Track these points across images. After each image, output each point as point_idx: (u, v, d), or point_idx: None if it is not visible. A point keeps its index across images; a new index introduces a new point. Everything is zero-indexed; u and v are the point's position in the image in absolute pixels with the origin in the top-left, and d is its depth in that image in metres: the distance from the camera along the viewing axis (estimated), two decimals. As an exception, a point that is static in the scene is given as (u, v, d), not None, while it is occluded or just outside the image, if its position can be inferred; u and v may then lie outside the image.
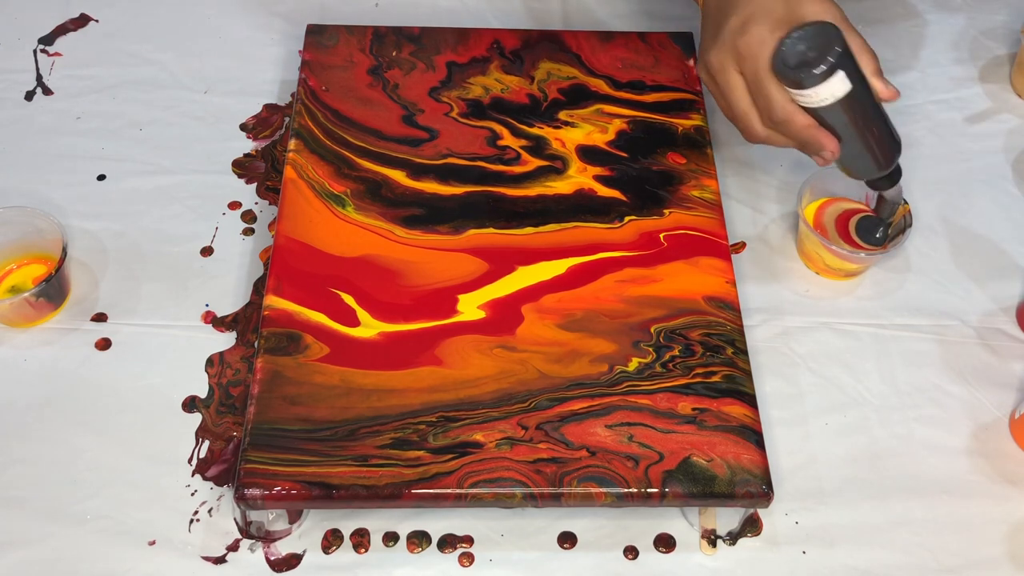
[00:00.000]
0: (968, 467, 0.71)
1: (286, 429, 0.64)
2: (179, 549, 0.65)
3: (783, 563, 0.66)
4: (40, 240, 0.75)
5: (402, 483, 0.62)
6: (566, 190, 0.77)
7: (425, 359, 0.67)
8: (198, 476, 0.68)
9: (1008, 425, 0.73)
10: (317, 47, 0.85)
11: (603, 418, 0.65)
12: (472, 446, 0.64)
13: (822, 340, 0.77)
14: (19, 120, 0.87)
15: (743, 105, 0.69)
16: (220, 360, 0.73)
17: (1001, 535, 0.68)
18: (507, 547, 0.67)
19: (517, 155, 0.79)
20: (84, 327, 0.75)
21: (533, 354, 0.68)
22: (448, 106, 0.82)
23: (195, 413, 0.71)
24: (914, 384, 0.75)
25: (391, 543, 0.66)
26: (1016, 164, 0.88)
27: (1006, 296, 0.80)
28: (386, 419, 0.65)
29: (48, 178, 0.83)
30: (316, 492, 0.62)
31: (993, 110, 0.92)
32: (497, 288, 0.71)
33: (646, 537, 0.67)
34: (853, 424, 0.73)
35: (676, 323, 0.70)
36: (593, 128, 0.81)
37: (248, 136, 0.87)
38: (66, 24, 0.95)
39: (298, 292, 0.70)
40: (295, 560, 0.66)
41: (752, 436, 0.65)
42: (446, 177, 0.77)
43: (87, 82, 0.90)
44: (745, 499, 0.63)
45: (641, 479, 0.63)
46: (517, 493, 0.62)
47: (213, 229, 0.80)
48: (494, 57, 0.85)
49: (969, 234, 0.84)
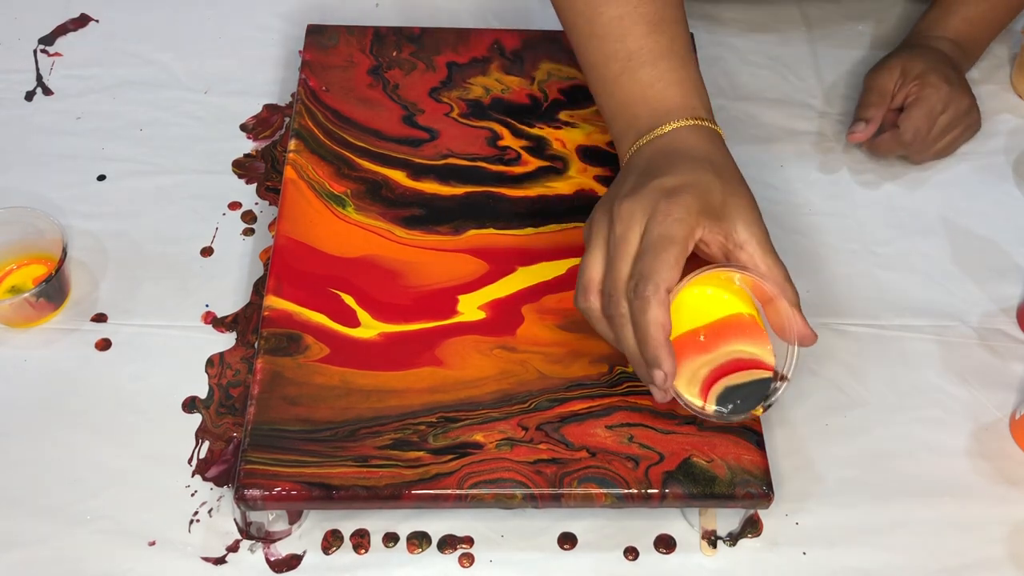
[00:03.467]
0: (968, 468, 0.71)
1: (286, 430, 0.64)
2: (179, 549, 0.65)
3: (783, 564, 0.66)
4: (40, 240, 0.75)
5: (402, 484, 0.62)
6: (566, 190, 0.77)
7: (425, 360, 0.67)
8: (198, 477, 0.68)
9: (1008, 426, 0.73)
10: (317, 47, 0.85)
11: (603, 419, 0.65)
12: (472, 447, 0.64)
13: (822, 340, 0.76)
14: (19, 120, 0.87)
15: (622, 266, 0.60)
16: (220, 361, 0.73)
17: (1001, 536, 0.68)
18: (507, 548, 0.66)
19: (517, 155, 0.79)
20: (84, 327, 0.75)
21: (533, 355, 0.68)
22: (448, 106, 0.82)
23: (195, 414, 0.71)
24: (914, 385, 0.75)
25: (391, 544, 0.66)
26: (1016, 164, 0.88)
27: (1006, 296, 0.80)
28: (386, 420, 0.65)
29: (48, 178, 0.83)
30: (316, 493, 0.62)
31: (993, 110, 0.92)
32: (497, 288, 0.71)
33: (646, 538, 0.67)
34: (853, 425, 0.73)
35: (676, 323, 0.70)
36: (594, 128, 0.81)
37: (248, 136, 0.87)
38: (66, 24, 0.95)
39: (298, 292, 0.70)
40: (295, 561, 0.65)
41: (752, 437, 0.65)
42: (446, 177, 0.77)
43: (87, 82, 0.90)
44: (745, 500, 0.63)
45: (641, 480, 0.63)
46: (517, 494, 0.62)
47: (213, 229, 0.80)
48: (494, 57, 0.85)
49: (969, 234, 0.84)
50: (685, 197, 0.60)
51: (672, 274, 0.59)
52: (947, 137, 0.85)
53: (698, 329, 0.63)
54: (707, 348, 0.63)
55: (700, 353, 0.63)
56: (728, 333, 0.63)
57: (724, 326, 0.63)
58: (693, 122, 0.66)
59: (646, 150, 0.66)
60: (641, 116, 0.68)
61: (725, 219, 0.61)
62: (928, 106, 0.83)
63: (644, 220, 0.61)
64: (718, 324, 0.63)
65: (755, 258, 0.61)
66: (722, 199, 0.62)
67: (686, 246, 0.60)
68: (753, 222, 0.62)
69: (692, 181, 0.62)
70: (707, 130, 0.66)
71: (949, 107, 0.83)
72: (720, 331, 0.63)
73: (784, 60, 0.95)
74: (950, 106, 0.83)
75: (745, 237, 0.61)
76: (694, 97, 0.68)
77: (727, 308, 0.64)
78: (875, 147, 0.86)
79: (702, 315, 0.63)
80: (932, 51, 0.87)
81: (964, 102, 0.84)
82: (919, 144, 0.84)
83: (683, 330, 0.63)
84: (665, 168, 0.63)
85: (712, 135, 0.67)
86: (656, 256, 0.59)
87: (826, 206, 0.85)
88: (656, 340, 0.58)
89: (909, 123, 0.83)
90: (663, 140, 0.66)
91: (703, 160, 0.64)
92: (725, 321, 0.64)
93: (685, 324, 0.63)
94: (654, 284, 0.58)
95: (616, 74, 0.69)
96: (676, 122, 0.66)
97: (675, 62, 0.68)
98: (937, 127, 0.83)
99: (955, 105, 0.84)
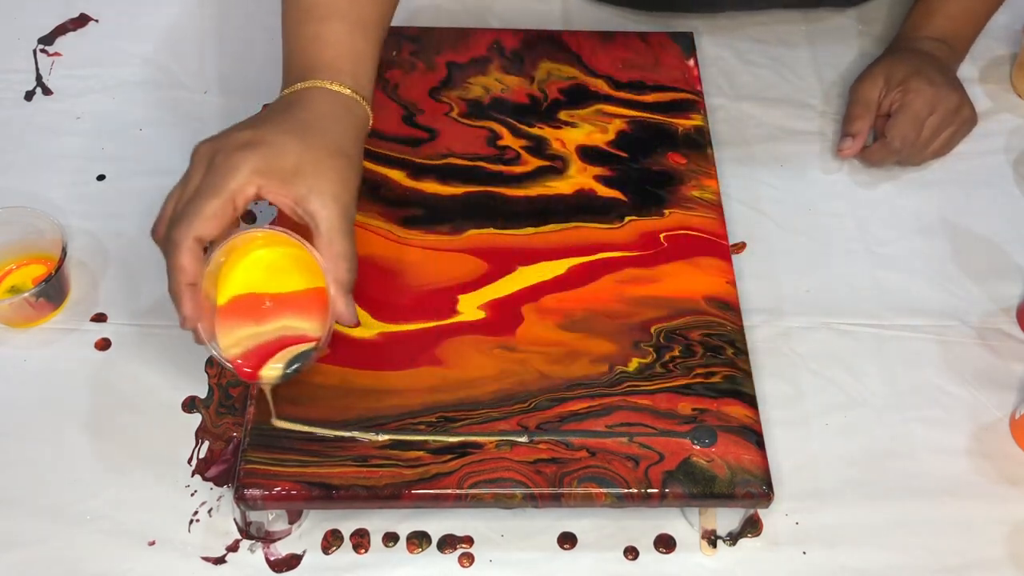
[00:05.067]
0: (968, 467, 0.71)
1: (286, 430, 0.64)
2: (179, 549, 0.65)
3: (783, 564, 0.66)
4: (40, 240, 0.75)
5: (402, 483, 0.62)
6: (566, 190, 0.77)
7: (425, 359, 0.67)
8: (198, 476, 0.68)
9: (1008, 425, 0.73)
10: (317, 47, 0.85)
11: (603, 418, 0.65)
12: (472, 447, 0.64)
13: (822, 340, 0.77)
14: (19, 120, 0.87)
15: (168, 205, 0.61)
16: (220, 360, 0.73)
17: (1002, 535, 0.68)
18: (507, 547, 0.66)
19: (517, 155, 0.79)
20: (84, 327, 0.75)
21: (533, 354, 0.68)
22: (448, 106, 0.82)
23: (195, 413, 0.71)
24: (914, 384, 0.75)
25: (391, 543, 0.66)
26: (1016, 164, 0.88)
27: (1006, 296, 0.80)
28: (386, 419, 0.65)
29: (48, 178, 0.83)
30: (316, 492, 0.62)
31: (993, 110, 0.92)
32: (497, 288, 0.71)
33: (646, 538, 0.67)
34: (853, 424, 0.73)
35: (676, 323, 0.70)
36: (593, 128, 0.81)
37: (248, 136, 0.87)
38: (66, 24, 0.95)
39: (298, 292, 0.70)
40: (295, 560, 0.65)
41: (752, 436, 0.65)
42: (446, 177, 0.77)
43: (87, 82, 0.90)
44: (745, 499, 0.63)
45: (641, 479, 0.63)
46: (517, 493, 0.62)
47: (213, 229, 0.80)
48: (494, 57, 0.85)
49: (969, 234, 0.84)
50: (248, 153, 0.59)
51: (206, 224, 0.58)
52: (941, 137, 0.85)
53: (264, 295, 0.63)
54: (264, 317, 0.63)
55: (256, 321, 0.63)
56: (291, 307, 0.63)
57: (290, 299, 0.63)
58: (336, 88, 0.65)
59: (280, 100, 0.66)
60: (294, 68, 0.67)
61: (295, 185, 0.60)
62: (912, 112, 0.83)
63: (206, 165, 0.60)
64: (287, 296, 0.63)
65: (320, 228, 0.60)
66: (297, 165, 0.60)
67: (231, 200, 0.59)
68: (329, 194, 0.61)
69: (268, 140, 0.61)
70: (342, 99, 0.65)
71: (937, 108, 0.83)
72: (285, 303, 0.63)
73: (784, 60, 0.95)
74: (938, 107, 0.83)
75: (315, 207, 0.60)
76: (347, 63, 0.67)
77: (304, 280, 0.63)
78: (867, 157, 0.86)
79: (278, 281, 0.63)
80: (916, 53, 0.87)
81: (952, 100, 0.84)
82: (909, 150, 0.84)
83: (256, 290, 0.63)
84: (260, 121, 0.63)
85: (345, 105, 0.65)
86: (195, 203, 0.59)
87: (826, 206, 0.85)
88: (176, 284, 0.59)
89: (896, 131, 0.83)
90: (297, 95, 0.65)
91: (301, 123, 0.63)
92: (295, 295, 0.63)
93: (260, 284, 0.63)
94: (184, 230, 0.58)
95: (295, 22, 0.68)
96: (316, 81, 0.65)
97: (346, 27, 0.67)
98: (927, 129, 0.83)
99: (943, 105, 0.83)
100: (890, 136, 0.83)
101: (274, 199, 0.61)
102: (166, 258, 0.59)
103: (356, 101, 0.66)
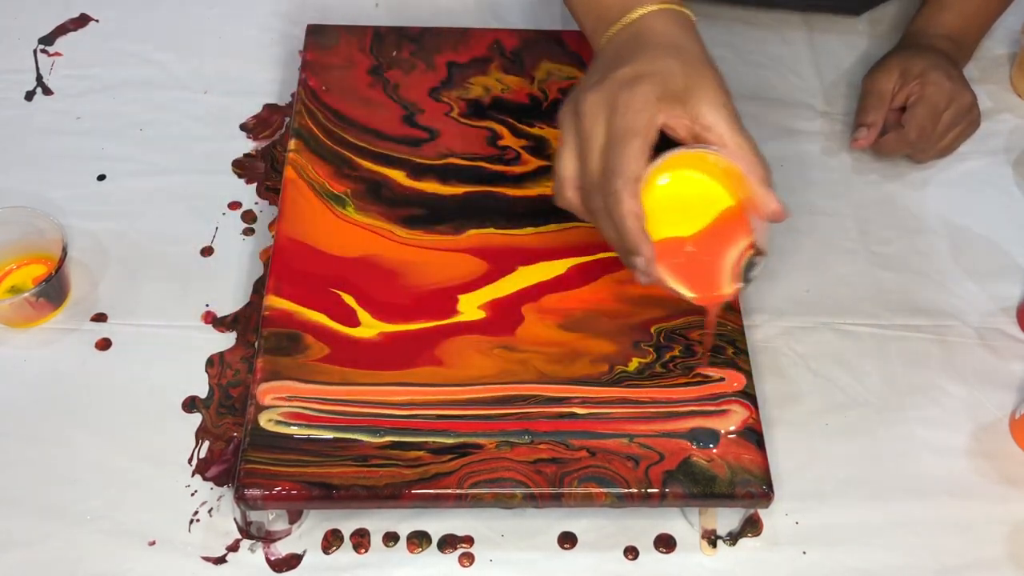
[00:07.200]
0: (968, 467, 0.71)
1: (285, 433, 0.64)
2: (179, 549, 0.65)
3: (783, 563, 0.66)
4: (40, 240, 0.75)
5: (402, 483, 0.62)
6: (566, 190, 0.77)
7: (425, 359, 0.67)
8: (198, 476, 0.68)
9: (1008, 425, 0.73)
10: (317, 47, 0.85)
11: (603, 418, 0.65)
12: (472, 447, 0.64)
13: (822, 340, 0.77)
14: (19, 120, 0.87)
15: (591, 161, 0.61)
16: (220, 360, 0.73)
17: (1001, 535, 0.68)
18: (507, 547, 0.66)
19: (517, 155, 0.79)
20: (84, 327, 0.75)
21: (533, 354, 0.68)
22: (448, 106, 0.82)
23: (195, 413, 0.71)
24: (914, 384, 0.75)
25: (391, 543, 0.66)
26: (1016, 164, 0.88)
27: (1006, 296, 0.80)
28: (386, 419, 0.64)
29: (48, 178, 0.83)
30: (316, 492, 0.62)
31: (993, 110, 0.92)
32: (497, 288, 0.71)
33: (646, 537, 0.67)
34: (853, 424, 0.73)
35: (676, 323, 0.70)
36: (593, 128, 0.81)
37: (248, 136, 0.87)
38: (66, 24, 0.95)
39: (298, 292, 0.70)
40: (295, 560, 0.65)
41: (752, 436, 0.65)
42: (446, 177, 0.77)
43: (87, 82, 0.90)
44: (745, 499, 0.63)
45: (641, 479, 0.63)
46: (517, 493, 0.62)
47: (213, 229, 0.80)
48: (494, 57, 0.85)
49: (969, 234, 0.84)
50: (643, 87, 0.60)
51: (637, 165, 0.59)
52: (950, 135, 0.85)
53: (684, 239, 0.63)
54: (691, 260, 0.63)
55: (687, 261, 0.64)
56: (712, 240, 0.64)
57: (709, 235, 0.64)
58: (659, 7, 0.65)
59: (615, 40, 0.66)
60: (610, 6, 0.67)
61: (689, 103, 0.61)
62: (932, 104, 0.83)
63: (607, 113, 0.61)
64: (703, 234, 0.64)
65: (724, 138, 0.61)
66: (684, 83, 0.61)
67: (648, 136, 0.60)
68: (719, 103, 0.61)
69: (651, 69, 0.61)
70: (675, 13, 0.65)
71: (952, 104, 0.83)
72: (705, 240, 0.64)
73: (784, 60, 0.95)
74: (953, 103, 0.83)
75: (712, 119, 0.61)
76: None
77: (709, 207, 0.64)
78: (880, 148, 0.86)
79: (687, 216, 0.64)
80: (930, 50, 0.87)
81: (966, 99, 0.84)
82: (924, 142, 0.84)
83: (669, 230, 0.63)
84: (627, 58, 0.63)
85: (680, 18, 0.65)
86: (621, 149, 0.59)
87: (826, 206, 0.85)
88: (632, 230, 0.59)
89: (914, 121, 0.83)
90: (631, 28, 0.65)
91: (667, 46, 0.63)
92: (710, 229, 0.64)
93: (669, 225, 0.63)
94: (623, 178, 0.59)
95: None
96: (643, 8, 0.65)
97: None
98: (941, 124, 0.83)
99: (957, 102, 0.84)
100: (908, 126, 0.83)
101: (675, 123, 0.61)
102: (613, 210, 0.60)
103: (679, 11, 0.66)
